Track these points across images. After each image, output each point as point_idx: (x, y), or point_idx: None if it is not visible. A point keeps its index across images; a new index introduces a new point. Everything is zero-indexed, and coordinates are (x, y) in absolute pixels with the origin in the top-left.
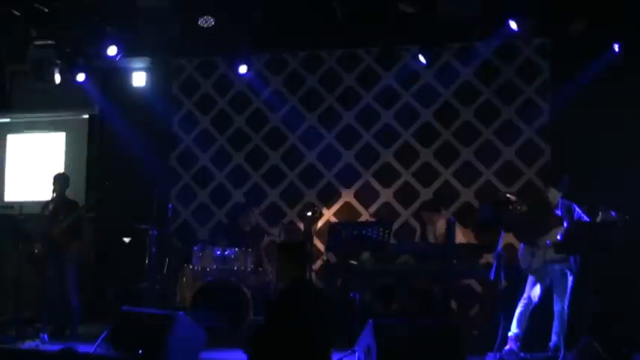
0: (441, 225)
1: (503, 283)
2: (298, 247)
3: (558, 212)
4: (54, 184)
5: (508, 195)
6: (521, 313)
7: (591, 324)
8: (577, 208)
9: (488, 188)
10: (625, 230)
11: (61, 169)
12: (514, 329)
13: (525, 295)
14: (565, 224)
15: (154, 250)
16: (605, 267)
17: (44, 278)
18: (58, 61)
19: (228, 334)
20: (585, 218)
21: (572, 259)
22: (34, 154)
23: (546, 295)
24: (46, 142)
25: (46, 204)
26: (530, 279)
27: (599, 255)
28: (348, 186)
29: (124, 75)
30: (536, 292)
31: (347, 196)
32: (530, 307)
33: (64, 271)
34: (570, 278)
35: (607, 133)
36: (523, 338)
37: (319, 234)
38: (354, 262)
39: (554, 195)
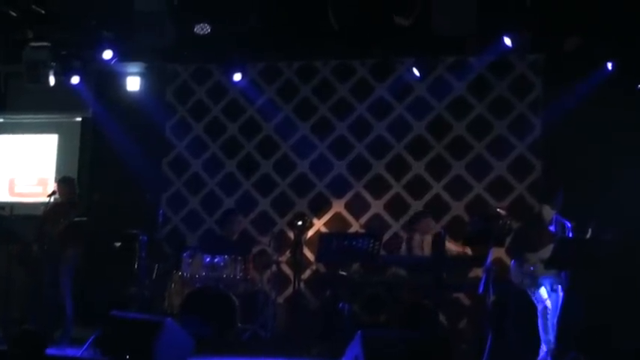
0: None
1: (492, 297)
2: None
3: (552, 229)
4: (57, 186)
5: (498, 209)
6: (542, 324)
7: (579, 339)
8: (569, 227)
9: (478, 202)
10: (616, 246)
11: (52, 171)
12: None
13: (539, 307)
14: None
15: (143, 255)
16: (595, 282)
17: (36, 279)
18: (53, 63)
19: (215, 341)
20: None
21: (563, 274)
22: (26, 156)
23: None
24: (38, 144)
25: (50, 205)
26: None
27: (588, 270)
28: (339, 196)
29: (119, 79)
30: (543, 295)
31: (338, 207)
32: (547, 312)
33: (59, 274)
34: (561, 294)
35: (598, 149)
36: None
37: (309, 243)
38: (344, 273)
39: (548, 212)
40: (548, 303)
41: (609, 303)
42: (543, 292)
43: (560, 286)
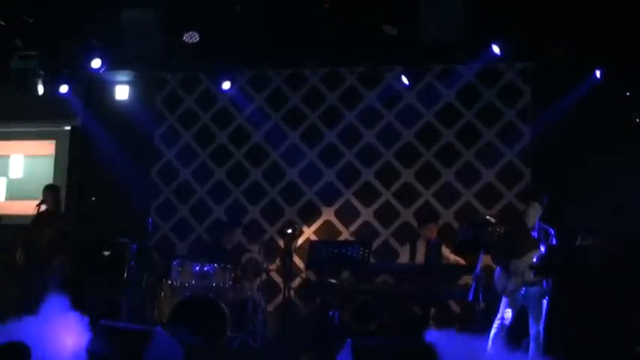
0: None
1: (482, 305)
2: None
3: (534, 234)
4: (43, 195)
5: (487, 217)
6: (495, 334)
7: (566, 347)
8: (552, 233)
9: (468, 209)
10: (603, 254)
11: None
12: (489, 351)
13: (499, 316)
14: (542, 247)
15: (132, 264)
16: (581, 290)
17: (23, 288)
18: (42, 72)
19: (205, 350)
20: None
21: (544, 282)
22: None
23: (523, 317)
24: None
25: (36, 214)
26: (504, 300)
27: (575, 279)
28: (328, 204)
29: (108, 87)
30: (508, 313)
31: (327, 215)
32: (505, 328)
33: (47, 283)
34: (546, 301)
35: (587, 157)
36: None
37: (299, 251)
38: (334, 281)
39: (537, 210)
40: (508, 317)
41: (595, 310)
42: (509, 312)
43: (545, 295)
